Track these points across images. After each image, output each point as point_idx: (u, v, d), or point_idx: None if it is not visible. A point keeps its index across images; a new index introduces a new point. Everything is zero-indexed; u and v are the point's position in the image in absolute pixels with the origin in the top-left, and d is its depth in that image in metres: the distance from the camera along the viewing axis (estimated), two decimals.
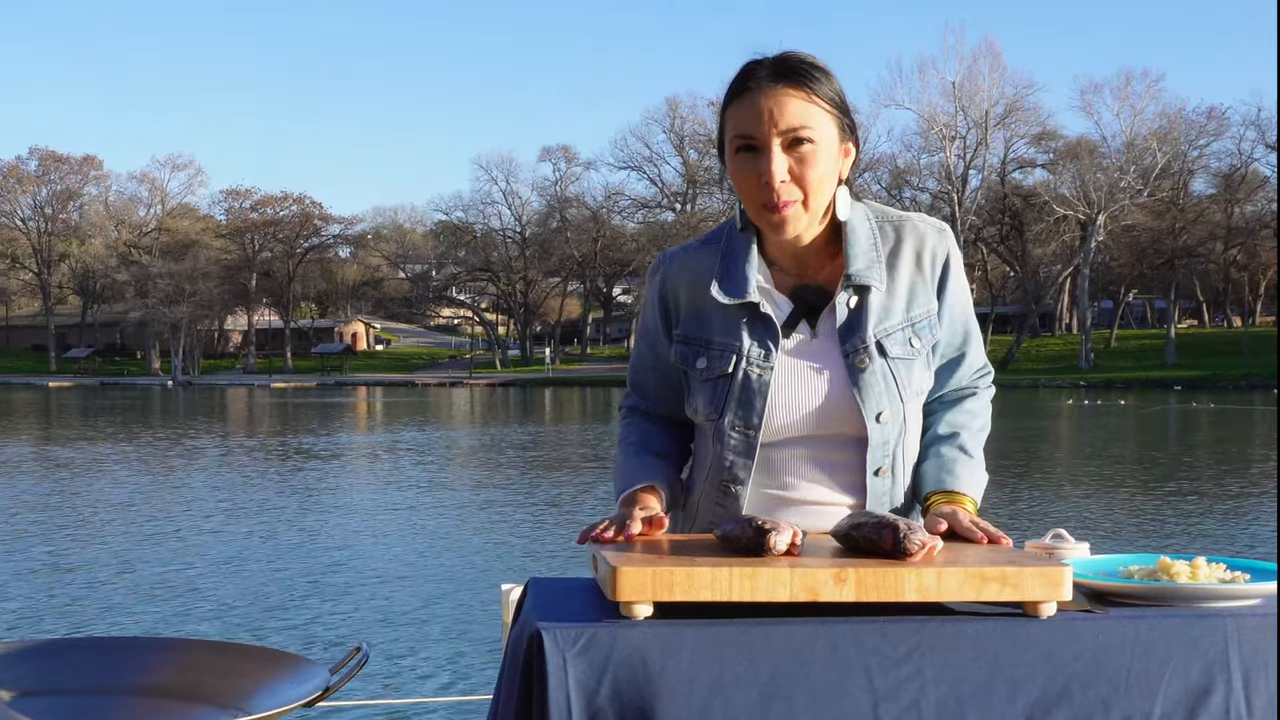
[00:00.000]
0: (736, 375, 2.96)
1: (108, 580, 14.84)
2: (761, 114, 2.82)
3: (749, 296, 2.95)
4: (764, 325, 2.96)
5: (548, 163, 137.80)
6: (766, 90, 2.83)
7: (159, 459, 32.34)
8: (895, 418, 2.96)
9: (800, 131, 2.82)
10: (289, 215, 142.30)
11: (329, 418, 55.47)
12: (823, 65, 2.90)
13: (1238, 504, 21.48)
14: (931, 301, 3.02)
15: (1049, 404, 66.44)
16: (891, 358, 2.95)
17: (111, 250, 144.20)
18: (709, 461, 3.05)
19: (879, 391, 2.93)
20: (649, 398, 3.22)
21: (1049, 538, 3.00)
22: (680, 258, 3.12)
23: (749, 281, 2.97)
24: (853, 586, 2.33)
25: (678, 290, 3.08)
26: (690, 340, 3.04)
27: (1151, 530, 18.44)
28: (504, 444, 38.32)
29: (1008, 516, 19.47)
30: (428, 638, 11.77)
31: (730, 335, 2.98)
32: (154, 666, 2.91)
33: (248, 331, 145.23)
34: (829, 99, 2.87)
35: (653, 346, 3.16)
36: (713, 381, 2.99)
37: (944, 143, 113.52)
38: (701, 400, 3.02)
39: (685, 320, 3.06)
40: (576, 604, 2.48)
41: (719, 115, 2.97)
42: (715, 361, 2.99)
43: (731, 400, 2.97)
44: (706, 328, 3.01)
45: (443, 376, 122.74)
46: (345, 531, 18.77)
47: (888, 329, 2.95)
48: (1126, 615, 2.43)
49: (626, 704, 2.29)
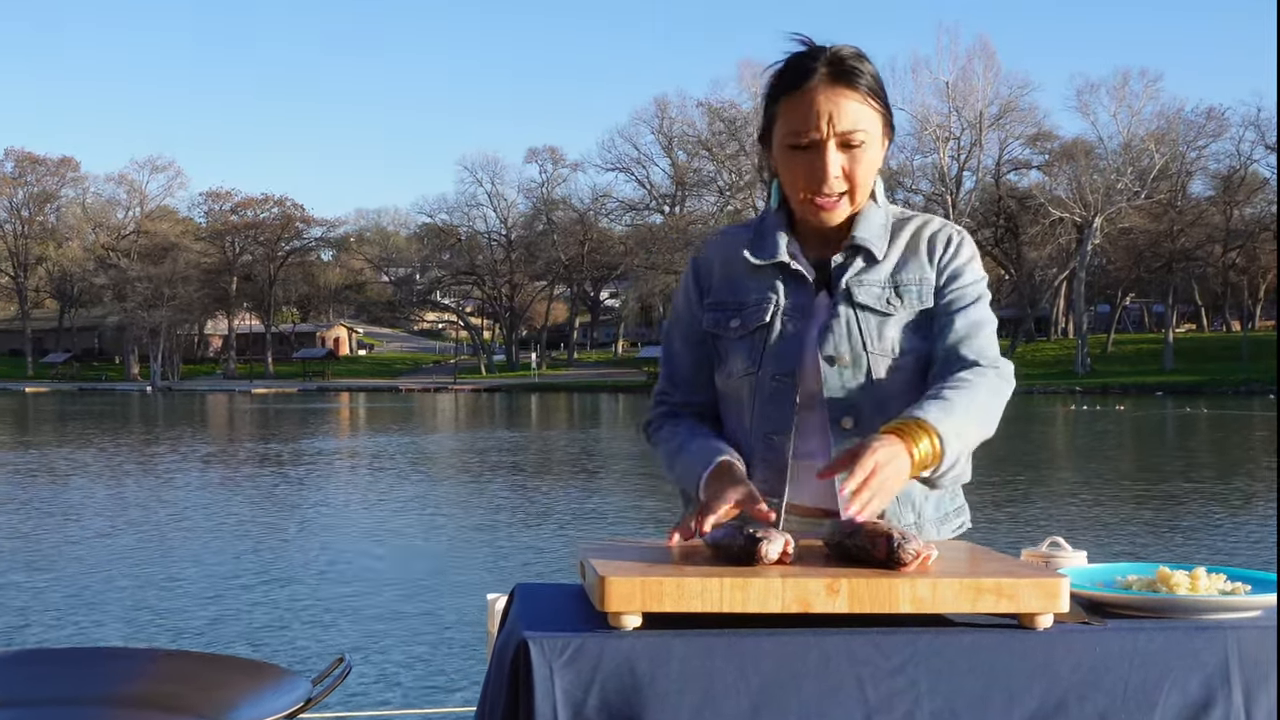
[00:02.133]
0: (774, 326, 3.07)
1: (84, 590, 14.81)
2: (820, 115, 2.97)
3: (779, 257, 3.09)
4: (797, 281, 3.09)
5: (534, 164, 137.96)
6: (825, 91, 2.98)
7: (137, 466, 32.28)
8: (856, 366, 3.02)
9: (854, 135, 2.98)
10: (270, 217, 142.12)
11: (311, 424, 55.41)
12: (870, 60, 3.05)
13: (1238, 512, 21.50)
14: (925, 273, 3.09)
15: (1045, 409, 66.47)
16: (859, 304, 3.03)
17: (89, 253, 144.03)
18: (750, 420, 3.10)
19: (839, 334, 3.02)
20: (681, 385, 3.28)
21: (1045, 546, 3.00)
22: (716, 242, 3.29)
23: (779, 245, 3.10)
24: (846, 597, 2.33)
25: (712, 265, 3.23)
26: (723, 305, 3.17)
27: (1150, 539, 18.46)
28: (489, 451, 38.28)
29: (1004, 523, 19.48)
30: (412, 648, 11.75)
31: (765, 291, 3.10)
32: (132, 678, 2.90)
33: (228, 336, 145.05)
34: (878, 98, 3.04)
35: (681, 329, 3.27)
36: (749, 337, 3.10)
37: (937, 144, 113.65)
38: (737, 358, 3.12)
39: (718, 289, 3.19)
40: (564, 612, 2.48)
41: (764, 101, 3.10)
42: (750, 318, 3.10)
43: (768, 351, 3.06)
44: (741, 291, 3.14)
45: (427, 382, 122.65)
46: (327, 540, 18.75)
47: (863, 280, 3.05)
48: (1125, 627, 2.43)
49: (615, 715, 2.29)
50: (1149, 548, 17.59)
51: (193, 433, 48.70)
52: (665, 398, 3.31)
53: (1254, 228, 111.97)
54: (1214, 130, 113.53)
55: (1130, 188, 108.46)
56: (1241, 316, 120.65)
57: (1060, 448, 40.56)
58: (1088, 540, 16.61)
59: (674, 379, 3.29)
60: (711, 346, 3.20)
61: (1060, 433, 48.45)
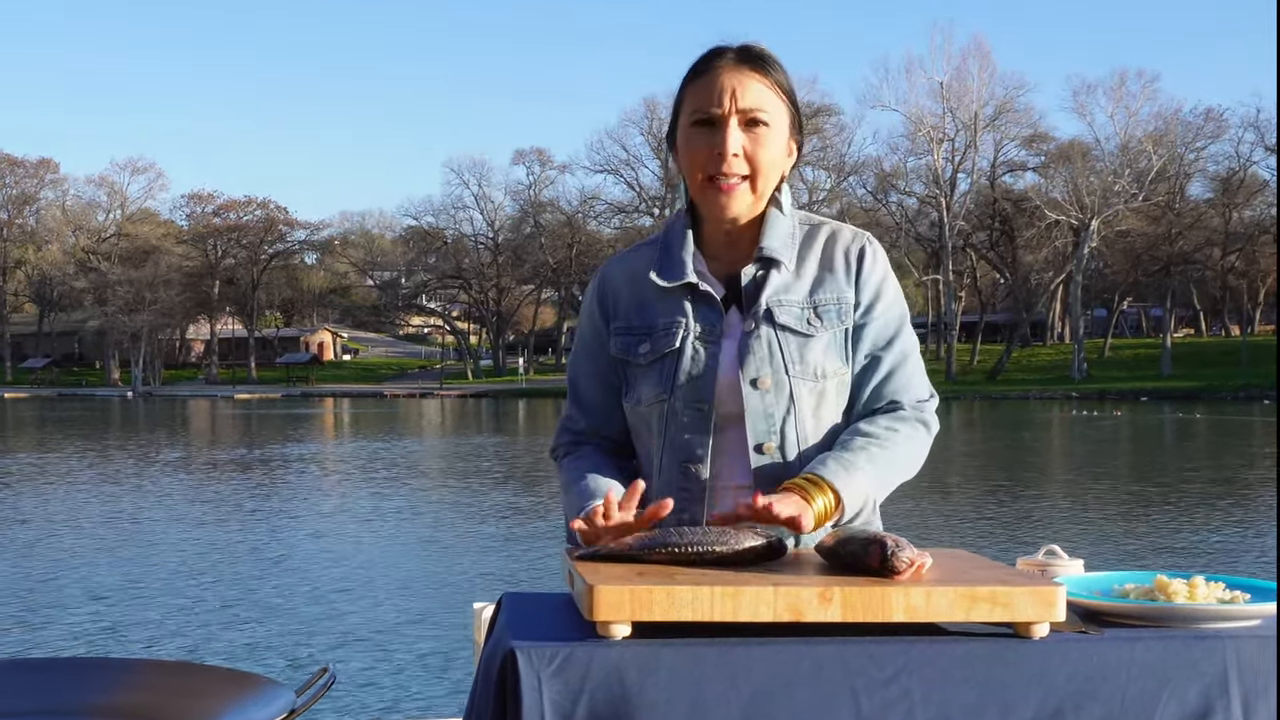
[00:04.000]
0: (684, 351, 3.04)
1: (64, 599, 14.79)
2: (724, 90, 2.98)
3: (686, 278, 3.06)
4: (706, 303, 3.07)
5: (521, 166, 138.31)
6: (730, 70, 3.00)
7: (118, 473, 32.23)
8: (779, 389, 3.01)
9: (758, 113, 2.99)
10: (253, 220, 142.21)
11: (294, 430, 55.35)
12: (781, 61, 3.06)
13: (1237, 520, 21.51)
14: (843, 291, 3.09)
15: (1040, 415, 66.52)
16: (780, 325, 3.02)
17: (69, 256, 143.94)
18: (661, 448, 3.08)
19: (760, 357, 3.01)
20: (589, 411, 3.26)
21: (1042, 554, 3.01)
22: (620, 260, 3.26)
23: (686, 265, 3.08)
24: (839, 606, 2.33)
25: (618, 288, 3.19)
26: (632, 330, 3.13)
27: (1148, 546, 18.46)
28: (476, 458, 38.26)
29: (999, 531, 19.50)
30: (397, 657, 11.74)
31: (674, 315, 3.07)
32: (113, 688, 2.90)
33: (210, 341, 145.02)
34: (786, 89, 3.05)
35: (589, 354, 3.24)
36: (658, 363, 3.07)
37: (932, 145, 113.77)
38: (647, 385, 3.09)
39: (626, 313, 3.16)
40: (552, 621, 2.48)
41: (676, 96, 3.10)
42: (660, 342, 3.07)
43: (681, 377, 3.04)
44: (650, 314, 3.11)
45: (412, 388, 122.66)
46: (311, 548, 18.74)
47: (782, 300, 3.04)
48: (1122, 636, 2.43)
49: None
50: (1146, 556, 17.60)
51: (174, 439, 48.64)
52: (571, 424, 3.29)
53: (1253, 230, 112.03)
54: (1213, 131, 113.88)
55: (1128, 190, 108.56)
56: (1241, 321, 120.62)
57: (1056, 454, 40.58)
58: (1084, 548, 16.60)
59: (581, 405, 3.27)
60: (620, 373, 3.17)
61: (1056, 439, 48.47)
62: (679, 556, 2.56)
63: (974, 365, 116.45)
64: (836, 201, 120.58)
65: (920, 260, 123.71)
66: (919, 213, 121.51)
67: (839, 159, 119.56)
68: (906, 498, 21.62)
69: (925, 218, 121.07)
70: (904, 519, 19.99)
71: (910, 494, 22.65)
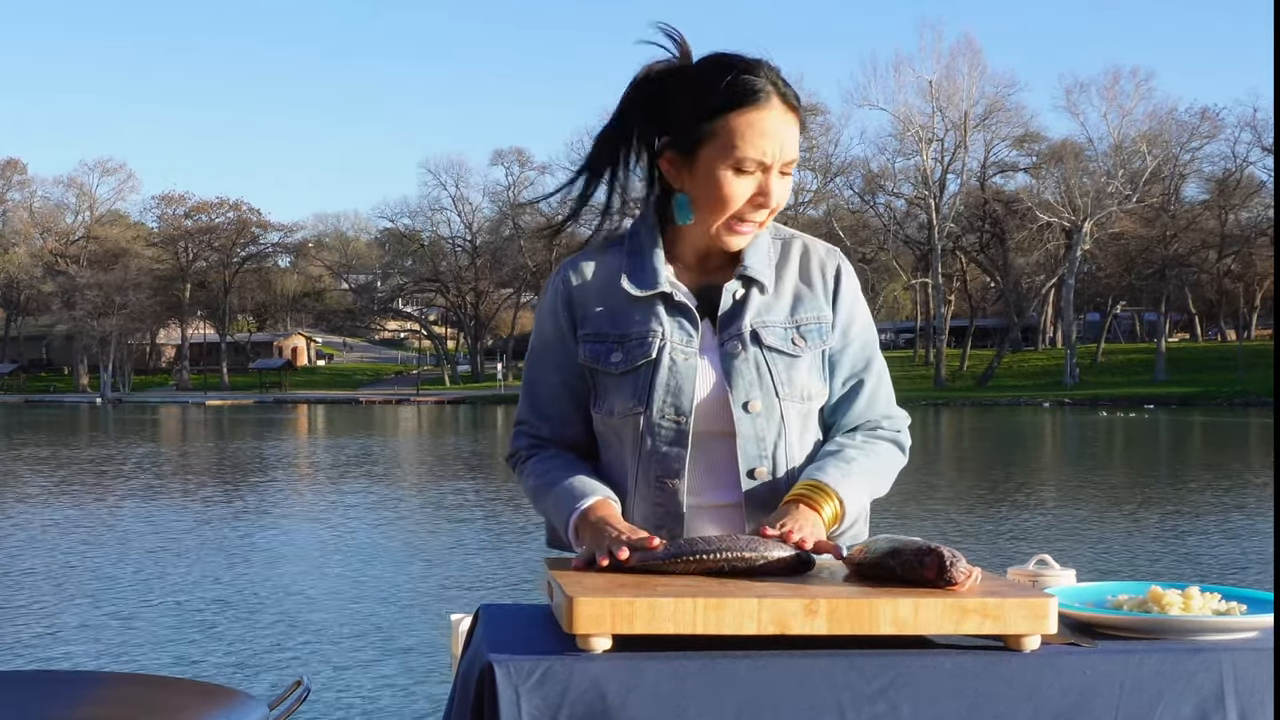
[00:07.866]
0: (661, 361, 3.02)
1: (33, 612, 14.75)
2: (775, 141, 2.94)
3: (661, 287, 3.05)
4: (682, 313, 3.05)
5: (500, 166, 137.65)
6: (779, 115, 2.96)
7: (86, 481, 32.16)
8: (769, 412, 3.02)
9: (792, 164, 2.99)
10: (225, 222, 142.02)
11: (268, 437, 55.27)
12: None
13: (1233, 528, 21.53)
14: (822, 310, 3.10)
15: (1031, 421, 66.60)
16: (766, 347, 3.03)
17: (36, 259, 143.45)
18: (636, 461, 3.06)
19: (749, 380, 3.01)
20: (549, 418, 3.22)
21: (1033, 564, 3.01)
22: (583, 262, 3.23)
23: (659, 273, 3.07)
24: (824, 618, 2.33)
25: (585, 292, 3.16)
26: (602, 337, 3.10)
27: (1142, 556, 18.47)
28: (453, 466, 38.25)
29: (989, 541, 19.51)
30: (372, 670, 11.72)
31: (648, 324, 3.05)
32: (84, 702, 2.89)
33: (181, 346, 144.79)
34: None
35: (552, 358, 3.20)
36: (633, 373, 3.05)
37: (920, 145, 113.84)
38: (620, 396, 3.07)
39: (594, 319, 3.12)
40: (531, 633, 2.48)
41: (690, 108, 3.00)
42: (634, 352, 3.05)
43: (658, 389, 3.02)
44: (621, 322, 3.08)
45: (388, 394, 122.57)
46: (285, 558, 18.70)
47: (766, 322, 3.04)
48: (1115, 649, 2.43)
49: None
50: (1141, 566, 17.62)
51: (143, 446, 48.54)
52: (530, 430, 3.25)
53: (1250, 233, 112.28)
54: (1208, 131, 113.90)
55: (1121, 191, 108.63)
56: (1237, 325, 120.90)
57: (1048, 461, 40.61)
58: (1077, 558, 16.62)
59: (540, 410, 3.22)
60: (589, 380, 3.15)
61: (1048, 446, 48.53)
62: (707, 565, 2.56)
63: (964, 371, 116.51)
64: (823, 203, 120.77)
65: (909, 263, 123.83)
66: (907, 214, 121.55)
67: (825, 159, 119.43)
68: (892, 506, 21.63)
69: (914, 219, 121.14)
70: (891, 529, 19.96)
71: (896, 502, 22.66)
